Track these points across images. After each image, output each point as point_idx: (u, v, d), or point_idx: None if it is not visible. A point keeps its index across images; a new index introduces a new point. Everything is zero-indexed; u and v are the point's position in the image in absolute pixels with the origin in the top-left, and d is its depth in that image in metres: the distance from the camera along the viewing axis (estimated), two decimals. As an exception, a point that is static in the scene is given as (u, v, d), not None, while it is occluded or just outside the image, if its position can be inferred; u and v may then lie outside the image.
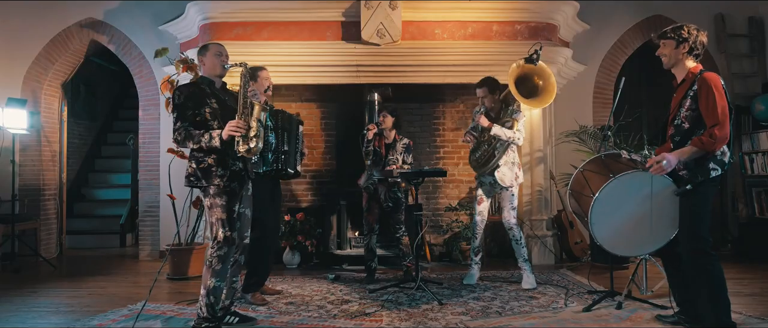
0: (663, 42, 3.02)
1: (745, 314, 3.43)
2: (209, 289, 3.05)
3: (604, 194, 3.03)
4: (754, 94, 5.98)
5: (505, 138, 4.16)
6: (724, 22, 6.20)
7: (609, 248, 3.16)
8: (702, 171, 2.82)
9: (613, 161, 3.23)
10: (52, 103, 6.35)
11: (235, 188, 3.09)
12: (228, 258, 3.09)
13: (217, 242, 3.03)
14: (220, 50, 3.21)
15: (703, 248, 2.83)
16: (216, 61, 3.18)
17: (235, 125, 2.99)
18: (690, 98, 2.88)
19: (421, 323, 3.35)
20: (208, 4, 5.34)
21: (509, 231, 4.41)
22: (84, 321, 3.47)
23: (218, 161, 3.05)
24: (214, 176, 3.03)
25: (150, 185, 6.05)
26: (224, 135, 2.98)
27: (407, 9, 5.32)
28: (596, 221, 3.07)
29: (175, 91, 3.13)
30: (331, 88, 5.78)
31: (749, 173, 5.94)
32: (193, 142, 3.01)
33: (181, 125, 3.03)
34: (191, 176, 3.09)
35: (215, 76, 3.21)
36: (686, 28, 2.95)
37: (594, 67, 6.17)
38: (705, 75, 2.85)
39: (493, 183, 4.38)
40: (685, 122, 2.91)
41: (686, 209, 2.88)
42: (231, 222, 3.06)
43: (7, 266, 5.31)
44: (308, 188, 5.98)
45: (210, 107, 3.09)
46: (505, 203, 4.37)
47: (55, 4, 6.06)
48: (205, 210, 3.17)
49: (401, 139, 4.68)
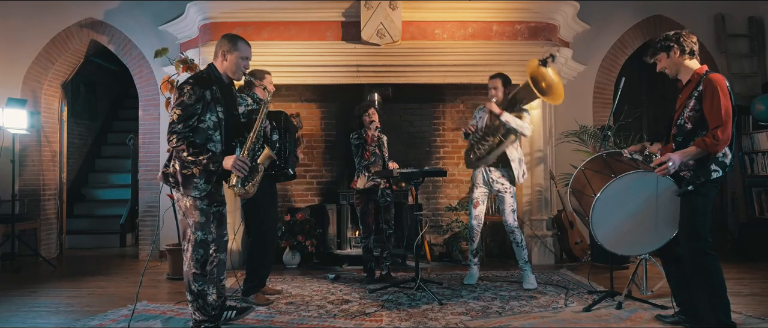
0: (656, 58, 3.03)
1: (745, 313, 3.43)
2: (195, 293, 2.99)
3: (605, 195, 3.03)
4: (754, 94, 5.98)
5: (514, 125, 4.16)
6: (724, 22, 6.20)
7: (610, 247, 3.16)
8: (703, 172, 2.82)
9: (614, 161, 3.23)
10: (52, 103, 6.35)
11: (212, 192, 2.97)
12: (206, 260, 3.00)
13: (193, 246, 2.95)
14: (248, 55, 3.05)
15: (703, 248, 2.84)
16: (240, 65, 3.02)
17: (241, 165, 2.88)
18: (694, 99, 2.87)
19: (421, 323, 3.35)
20: (208, 4, 5.34)
21: (511, 234, 4.40)
22: (84, 321, 3.47)
23: (202, 174, 2.90)
24: (194, 187, 2.90)
25: (150, 185, 6.05)
26: (227, 166, 2.87)
27: (407, 9, 5.32)
28: (597, 221, 3.07)
29: (185, 84, 2.88)
30: (331, 88, 5.78)
31: (749, 173, 5.94)
32: (188, 154, 2.83)
33: (182, 130, 2.83)
34: (170, 177, 2.94)
35: (228, 75, 3.04)
36: (668, 35, 2.97)
37: (594, 67, 6.17)
38: (711, 76, 2.84)
39: (491, 183, 4.37)
40: (688, 123, 2.90)
41: (687, 210, 2.88)
42: (207, 226, 2.97)
43: (7, 266, 5.31)
44: (308, 188, 5.98)
45: (216, 116, 2.92)
46: (505, 206, 4.36)
47: (55, 4, 6.06)
48: (179, 209, 3.05)
49: (382, 135, 4.63)
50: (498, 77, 4.37)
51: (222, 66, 3.03)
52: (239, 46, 3.02)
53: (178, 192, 2.99)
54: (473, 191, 4.48)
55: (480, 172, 4.44)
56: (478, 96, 5.95)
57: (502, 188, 4.36)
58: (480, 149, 4.31)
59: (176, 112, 2.85)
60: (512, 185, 4.37)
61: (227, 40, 3.03)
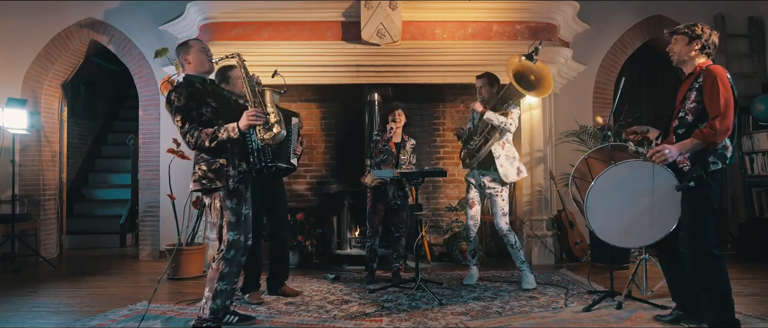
0: (675, 37, 2.98)
1: (745, 313, 3.42)
2: (216, 292, 2.99)
3: (601, 180, 3.01)
4: (754, 94, 5.98)
5: (496, 123, 4.17)
6: (724, 22, 6.20)
7: (603, 236, 3.13)
8: (701, 163, 2.78)
9: (618, 152, 3.23)
10: (52, 103, 6.34)
11: (241, 190, 3.03)
12: (235, 261, 3.02)
13: (226, 245, 2.97)
14: (204, 46, 3.12)
15: (707, 247, 2.79)
16: (202, 57, 3.07)
17: (253, 113, 2.88)
18: (695, 91, 2.86)
19: (421, 323, 3.35)
20: (208, 4, 5.34)
21: (504, 238, 4.38)
22: (84, 321, 3.47)
23: (229, 162, 2.96)
24: (226, 176, 2.94)
25: (150, 185, 6.04)
26: (243, 125, 2.87)
27: (407, 9, 5.32)
28: (592, 208, 3.05)
29: (172, 93, 2.96)
30: (331, 88, 5.78)
31: (749, 173, 5.94)
32: (209, 141, 2.87)
33: (191, 127, 2.89)
34: (203, 179, 2.96)
35: (203, 72, 3.09)
36: (700, 26, 2.92)
37: (594, 67, 6.16)
38: (711, 67, 2.83)
39: (482, 185, 4.38)
40: (689, 115, 2.88)
41: (689, 207, 2.83)
42: (239, 225, 3.01)
43: (7, 266, 5.31)
44: (308, 188, 5.98)
45: (211, 107, 2.99)
46: (496, 209, 4.34)
47: (55, 4, 6.06)
48: (210, 211, 3.07)
49: (409, 139, 4.70)
50: (483, 77, 4.41)
51: (192, 69, 3.08)
52: (191, 43, 3.11)
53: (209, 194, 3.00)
54: (468, 192, 4.50)
55: (473, 174, 4.45)
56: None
57: (492, 191, 4.34)
58: (469, 149, 4.38)
59: (178, 118, 2.93)
60: (503, 186, 4.35)
61: (181, 48, 3.12)
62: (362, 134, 5.60)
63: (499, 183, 4.33)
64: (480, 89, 4.41)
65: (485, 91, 4.38)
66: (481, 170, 4.38)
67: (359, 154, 5.64)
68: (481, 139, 4.30)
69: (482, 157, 4.31)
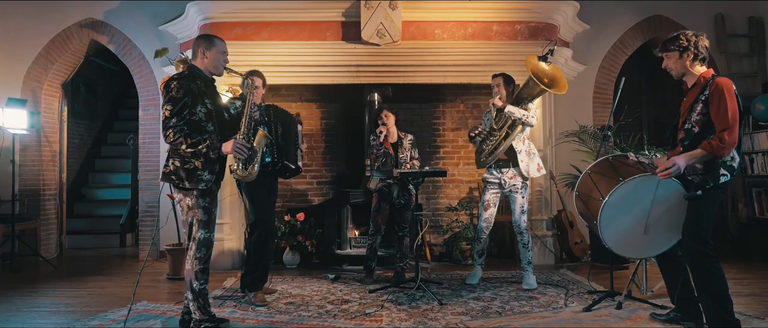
0: (666, 55, 3.01)
1: (745, 313, 3.43)
2: (196, 292, 3.01)
3: (614, 198, 3.02)
4: (754, 94, 5.98)
5: (518, 115, 4.16)
6: (724, 22, 6.20)
7: (618, 251, 3.16)
8: (712, 176, 2.82)
9: (621, 164, 3.21)
10: (52, 103, 6.34)
11: (214, 190, 3.03)
12: (208, 259, 3.04)
13: (197, 244, 2.98)
14: (225, 49, 3.13)
15: (705, 250, 2.84)
16: (220, 60, 3.08)
17: (240, 147, 2.91)
18: (701, 103, 2.87)
19: (421, 323, 3.35)
20: (208, 4, 5.34)
21: (519, 235, 4.41)
22: (84, 321, 3.47)
23: (205, 165, 2.94)
24: (198, 180, 2.93)
25: (150, 185, 6.04)
26: (225, 151, 2.90)
27: (407, 9, 5.32)
28: (606, 225, 3.06)
29: (171, 81, 2.93)
30: (331, 88, 5.78)
31: (749, 173, 5.93)
32: (187, 147, 2.86)
33: (176, 124, 2.87)
34: (172, 175, 2.95)
35: (211, 73, 3.10)
36: (683, 37, 2.94)
37: (594, 67, 6.17)
38: (718, 80, 2.85)
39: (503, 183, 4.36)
40: (696, 126, 2.90)
41: (693, 212, 2.88)
42: (210, 224, 3.01)
43: (7, 266, 5.31)
44: (308, 188, 5.98)
45: (206, 108, 2.98)
46: (516, 206, 4.37)
47: (55, 4, 6.06)
48: (181, 209, 3.06)
49: (405, 135, 4.70)
50: (500, 76, 4.44)
51: (203, 63, 3.07)
52: (216, 42, 3.10)
53: (180, 191, 3.00)
54: (485, 193, 4.47)
55: (492, 173, 4.43)
56: (479, 96, 5.96)
57: (514, 187, 4.36)
58: (488, 146, 4.35)
59: (167, 108, 2.90)
60: (524, 181, 4.36)
61: (204, 39, 3.10)
62: (362, 134, 5.60)
63: (520, 178, 4.34)
64: (498, 88, 4.41)
65: (503, 89, 4.39)
66: (501, 167, 4.38)
67: (359, 154, 5.64)
68: (501, 135, 4.29)
69: (502, 152, 4.31)
